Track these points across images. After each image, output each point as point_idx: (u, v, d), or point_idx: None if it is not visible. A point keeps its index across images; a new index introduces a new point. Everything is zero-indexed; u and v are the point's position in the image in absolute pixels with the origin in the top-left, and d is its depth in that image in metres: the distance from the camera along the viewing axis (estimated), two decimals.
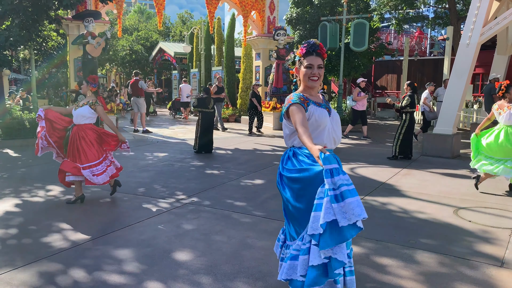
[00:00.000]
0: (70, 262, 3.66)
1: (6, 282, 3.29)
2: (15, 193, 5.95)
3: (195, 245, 4.06)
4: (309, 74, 2.70)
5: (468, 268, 3.57)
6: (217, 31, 20.30)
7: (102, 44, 11.70)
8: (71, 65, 12.15)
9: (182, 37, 32.35)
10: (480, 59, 10.44)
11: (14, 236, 4.33)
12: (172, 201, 5.58)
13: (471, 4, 9.14)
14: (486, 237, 4.31)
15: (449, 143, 8.95)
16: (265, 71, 15.21)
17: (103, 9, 12.46)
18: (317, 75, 2.71)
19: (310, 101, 2.70)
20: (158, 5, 12.65)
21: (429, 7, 22.87)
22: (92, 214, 5.08)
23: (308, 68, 2.71)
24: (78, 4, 10.25)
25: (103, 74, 34.13)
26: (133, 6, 48.01)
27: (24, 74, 26.80)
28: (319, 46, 2.71)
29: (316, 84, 2.73)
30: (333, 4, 17.17)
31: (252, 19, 15.03)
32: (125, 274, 3.43)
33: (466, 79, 9.05)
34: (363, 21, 13.62)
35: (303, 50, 2.71)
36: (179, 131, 13.87)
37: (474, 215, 5.06)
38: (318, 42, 2.71)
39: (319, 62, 2.70)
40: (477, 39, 8.93)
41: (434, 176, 7.24)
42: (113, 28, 16.00)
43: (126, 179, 6.95)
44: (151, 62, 31.01)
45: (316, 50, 2.70)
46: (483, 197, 5.90)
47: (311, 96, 2.76)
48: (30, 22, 10.19)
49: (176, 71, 25.91)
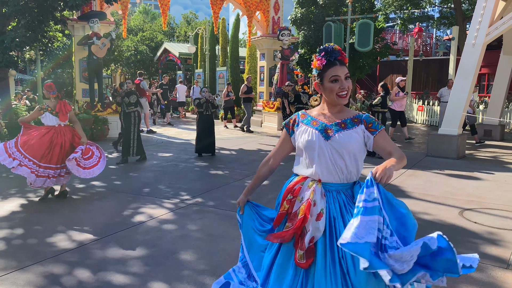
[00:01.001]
0: (75, 262, 3.67)
1: (12, 282, 3.30)
2: (21, 193, 5.99)
3: (199, 245, 4.06)
4: (336, 90, 2.13)
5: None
6: (221, 31, 20.33)
7: (107, 45, 11.75)
8: (77, 66, 12.20)
9: (186, 38, 32.41)
10: (485, 59, 10.38)
11: (19, 236, 4.35)
12: (176, 201, 5.59)
13: (477, 4, 9.09)
14: (491, 239, 4.28)
15: (454, 143, 8.90)
16: (270, 72, 15.20)
17: (108, 10, 12.50)
18: (346, 89, 2.14)
19: (307, 118, 2.25)
20: (163, 5, 12.67)
21: (435, 7, 22.79)
22: (96, 214, 5.10)
23: (334, 83, 2.13)
24: (83, 5, 10.27)
25: (108, 75, 34.24)
26: (138, 6, 48.14)
27: (30, 75, 26.96)
28: (339, 51, 2.15)
29: (344, 101, 2.17)
30: (338, 4, 17.10)
31: (257, 19, 15.03)
32: (130, 275, 3.44)
33: (471, 79, 9.00)
34: (368, 21, 13.57)
35: (323, 61, 2.14)
36: (183, 131, 13.90)
37: (479, 217, 5.03)
38: (337, 47, 2.15)
39: (345, 72, 2.14)
40: (483, 39, 8.88)
41: (439, 177, 7.21)
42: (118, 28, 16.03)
43: (131, 179, 6.97)
44: (155, 63, 31.08)
45: (337, 57, 2.14)
46: (488, 198, 5.86)
47: (324, 114, 2.24)
48: (36, 23, 10.23)
49: (180, 72, 25.95)
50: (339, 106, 2.21)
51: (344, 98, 2.15)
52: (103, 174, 7.22)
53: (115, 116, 12.17)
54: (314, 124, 2.21)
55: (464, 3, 20.23)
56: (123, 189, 6.17)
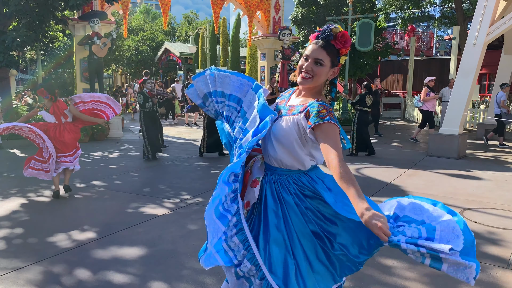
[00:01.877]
0: (75, 262, 3.67)
1: (12, 281, 3.31)
2: (21, 193, 6.00)
3: (199, 245, 4.05)
4: (300, 68, 2.01)
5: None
6: (222, 31, 20.37)
7: (108, 45, 11.75)
8: (77, 66, 12.21)
9: (187, 38, 32.43)
10: (486, 59, 10.36)
11: (20, 235, 4.36)
12: (177, 201, 5.59)
13: (478, 4, 9.08)
14: (492, 239, 4.28)
15: (455, 143, 8.89)
16: (271, 71, 15.21)
17: (109, 10, 12.50)
18: (310, 72, 1.96)
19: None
20: (163, 5, 12.67)
21: (436, 7, 22.77)
22: (97, 213, 5.10)
23: (302, 60, 2.01)
24: (84, 4, 10.30)
25: (109, 75, 34.28)
26: (139, 6, 48.16)
27: (31, 75, 26.99)
28: (336, 35, 1.94)
29: (305, 83, 1.99)
30: (339, 4, 17.12)
31: (257, 19, 15.03)
32: (130, 274, 3.44)
33: (472, 79, 8.99)
34: (368, 21, 13.58)
35: (313, 36, 2.02)
36: (184, 131, 13.90)
37: (480, 216, 5.02)
38: (337, 30, 1.95)
39: (319, 56, 1.95)
40: (483, 38, 8.87)
41: (440, 176, 7.20)
42: (119, 28, 16.07)
43: (131, 178, 6.98)
44: (156, 63, 31.11)
45: (326, 38, 1.95)
46: (489, 198, 5.86)
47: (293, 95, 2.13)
48: (36, 23, 10.25)
49: (181, 72, 25.98)
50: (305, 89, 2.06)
51: (303, 79, 1.98)
52: (104, 173, 7.26)
53: (116, 116, 12.17)
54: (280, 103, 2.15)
55: (465, 2, 20.20)
56: (123, 189, 6.17)
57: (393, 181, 6.80)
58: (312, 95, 2.04)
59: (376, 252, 2.04)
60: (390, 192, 6.09)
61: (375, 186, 6.40)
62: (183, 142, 11.28)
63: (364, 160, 8.58)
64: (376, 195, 5.91)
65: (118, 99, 18.08)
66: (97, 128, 11.43)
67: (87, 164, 8.19)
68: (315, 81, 1.98)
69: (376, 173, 7.35)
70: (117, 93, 22.07)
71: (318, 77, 1.97)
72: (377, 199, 5.71)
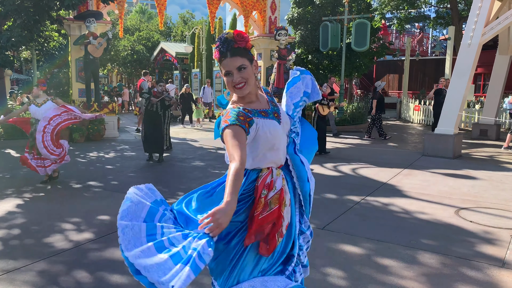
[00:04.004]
0: (72, 262, 3.67)
1: (9, 282, 3.30)
2: (17, 193, 5.97)
3: None
4: (231, 83, 2.03)
5: (469, 268, 3.57)
6: (218, 31, 20.31)
7: (103, 45, 11.72)
8: (73, 66, 12.16)
9: (183, 37, 32.33)
10: (481, 59, 10.43)
11: (16, 236, 4.34)
12: (173, 201, 5.58)
13: (473, 4, 9.14)
14: (487, 238, 4.31)
15: (450, 143, 8.94)
16: (267, 71, 15.22)
17: (104, 10, 12.47)
18: (242, 80, 2.01)
19: (254, 112, 2.05)
20: (159, 5, 12.66)
21: (431, 7, 22.87)
22: (94, 214, 5.09)
23: (227, 76, 2.03)
24: (80, 4, 10.26)
25: (105, 74, 34.16)
26: (134, 6, 47.90)
27: (26, 75, 26.84)
28: (234, 38, 1.98)
29: (245, 91, 2.04)
30: (335, 4, 17.15)
31: (254, 19, 15.03)
32: (127, 274, 3.44)
33: (467, 79, 9.05)
34: (364, 21, 13.63)
35: (216, 52, 2.03)
36: (180, 131, 13.89)
37: (475, 216, 5.06)
38: (231, 35, 1.99)
39: (237, 64, 1.99)
40: (478, 39, 8.93)
41: (436, 176, 7.24)
42: (115, 28, 15.96)
43: (128, 179, 6.97)
44: (152, 62, 31.02)
45: (229, 48, 1.99)
46: (484, 197, 5.90)
47: (251, 103, 2.11)
48: (31, 23, 10.20)
49: (177, 71, 25.92)
50: (253, 94, 2.12)
51: (242, 89, 2.03)
52: (101, 174, 7.24)
53: (111, 116, 12.16)
54: (264, 114, 2.09)
55: (460, 3, 20.32)
56: (120, 189, 6.16)
57: (389, 180, 6.83)
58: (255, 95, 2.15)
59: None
60: (386, 191, 6.11)
61: (371, 186, 6.43)
62: (179, 142, 11.27)
63: (360, 159, 8.60)
64: (372, 194, 5.94)
65: (113, 99, 18.02)
66: (93, 128, 11.40)
67: (83, 165, 8.17)
68: (250, 83, 2.05)
69: (372, 173, 7.38)
70: (112, 93, 22.03)
71: (250, 79, 2.05)
72: (373, 198, 5.74)
